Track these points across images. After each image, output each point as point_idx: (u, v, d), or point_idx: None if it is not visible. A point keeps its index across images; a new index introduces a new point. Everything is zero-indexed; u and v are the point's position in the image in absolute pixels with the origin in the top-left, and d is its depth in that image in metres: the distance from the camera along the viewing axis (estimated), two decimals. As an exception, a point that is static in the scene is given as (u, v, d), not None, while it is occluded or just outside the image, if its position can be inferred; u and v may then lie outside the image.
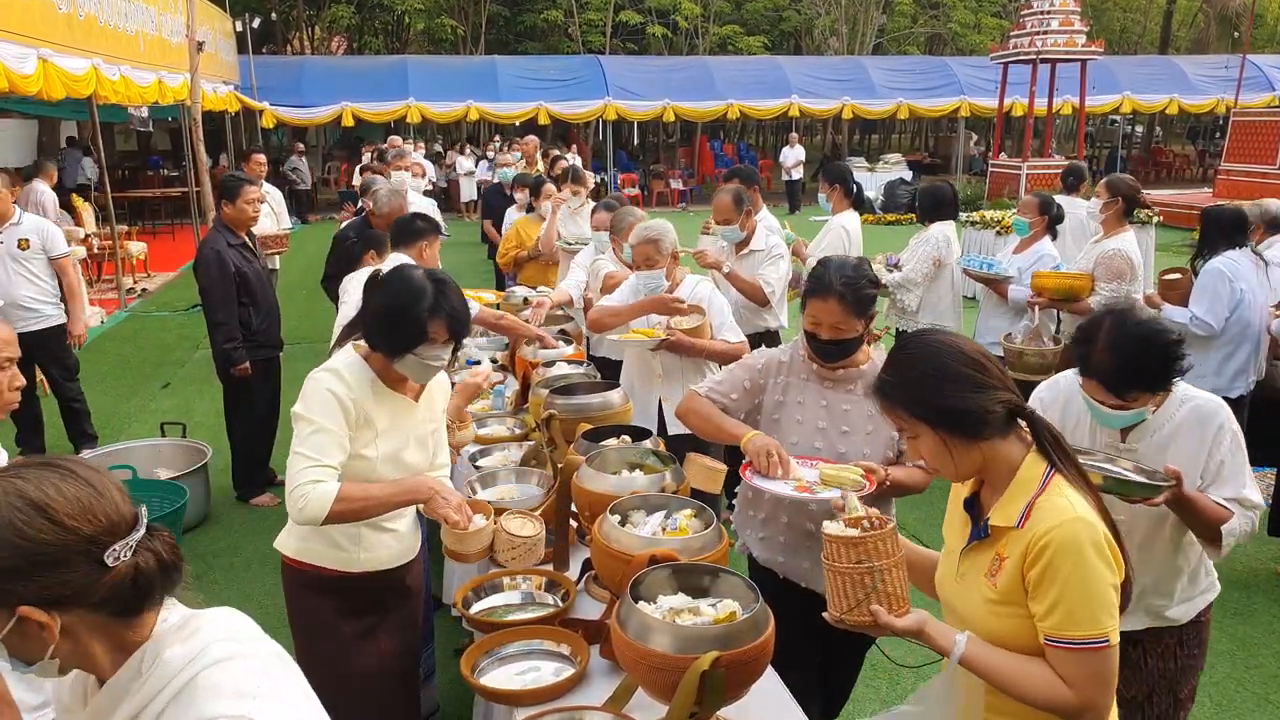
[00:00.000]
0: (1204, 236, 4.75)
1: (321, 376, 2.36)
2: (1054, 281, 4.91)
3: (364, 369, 2.40)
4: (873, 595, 1.74)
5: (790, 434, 2.63)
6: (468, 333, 2.45)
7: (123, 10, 10.59)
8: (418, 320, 2.31)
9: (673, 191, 22.79)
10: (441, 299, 2.34)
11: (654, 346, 3.69)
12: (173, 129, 21.44)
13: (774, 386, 2.69)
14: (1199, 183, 24.45)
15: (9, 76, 7.35)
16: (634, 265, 3.90)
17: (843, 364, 2.59)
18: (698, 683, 1.72)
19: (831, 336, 2.52)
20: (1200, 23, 35.88)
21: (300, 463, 2.28)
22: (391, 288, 2.36)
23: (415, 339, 2.32)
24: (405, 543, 2.61)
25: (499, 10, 27.93)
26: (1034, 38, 16.97)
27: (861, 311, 2.49)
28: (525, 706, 2.08)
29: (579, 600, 2.53)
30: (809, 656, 2.71)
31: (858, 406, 2.58)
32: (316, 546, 2.47)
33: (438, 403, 2.65)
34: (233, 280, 5.02)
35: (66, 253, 5.82)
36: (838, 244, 5.41)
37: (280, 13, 27.76)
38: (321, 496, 2.24)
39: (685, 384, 3.86)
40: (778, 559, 2.70)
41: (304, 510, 2.24)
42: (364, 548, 2.49)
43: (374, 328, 2.38)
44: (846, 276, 2.49)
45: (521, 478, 3.26)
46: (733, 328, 3.86)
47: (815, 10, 28.84)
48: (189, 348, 9.03)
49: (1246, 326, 4.57)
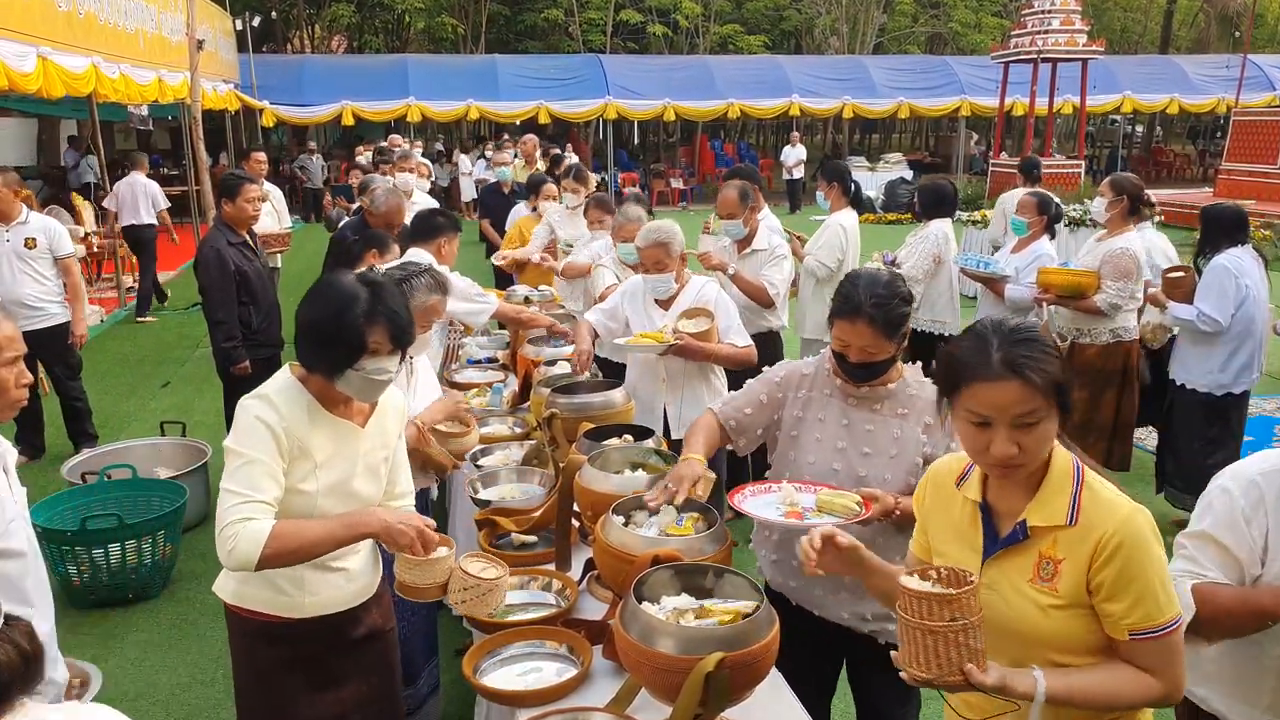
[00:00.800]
0: (1205, 234, 4.79)
1: (249, 404, 2.11)
2: (1061, 278, 4.90)
3: (299, 392, 2.14)
4: (965, 654, 1.56)
5: (808, 453, 2.47)
6: (412, 339, 2.18)
7: (123, 8, 10.57)
8: (353, 329, 2.05)
9: (673, 191, 22.77)
10: (378, 302, 2.09)
11: (661, 351, 3.60)
12: (173, 128, 21.42)
13: (794, 401, 2.52)
14: (1199, 182, 24.43)
15: (8, 74, 7.34)
16: (641, 267, 3.81)
17: (869, 382, 2.42)
18: (702, 684, 1.71)
19: (861, 359, 2.33)
20: (1201, 22, 35.87)
21: (228, 499, 2.02)
22: (320, 297, 2.12)
23: (354, 352, 2.06)
24: (359, 581, 2.33)
25: (499, 9, 27.90)
26: (1035, 37, 16.95)
27: (893, 333, 2.30)
28: (528, 707, 2.07)
29: (581, 600, 2.52)
30: (822, 682, 2.63)
31: (882, 427, 2.40)
32: (255, 591, 2.21)
33: (391, 425, 2.35)
34: (233, 279, 5.01)
35: (72, 252, 5.84)
36: (835, 242, 5.40)
37: (280, 11, 27.74)
38: (251, 537, 1.98)
39: (690, 388, 3.86)
40: (789, 584, 2.57)
41: (233, 553, 1.98)
42: (308, 591, 2.21)
43: (307, 345, 2.12)
44: (877, 296, 2.30)
45: (523, 477, 3.25)
46: (740, 331, 3.78)
47: (816, 9, 28.81)
48: (189, 347, 9.02)
49: (1251, 322, 4.62)
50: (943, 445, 2.33)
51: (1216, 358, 4.67)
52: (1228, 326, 4.57)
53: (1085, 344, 5.02)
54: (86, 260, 11.04)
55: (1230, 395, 4.75)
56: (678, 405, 3.85)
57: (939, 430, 2.34)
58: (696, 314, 3.71)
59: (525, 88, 21.34)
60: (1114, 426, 5.09)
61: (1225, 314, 4.56)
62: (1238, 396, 4.77)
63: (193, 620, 4.24)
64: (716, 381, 3.94)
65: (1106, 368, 5.02)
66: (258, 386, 2.19)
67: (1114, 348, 5.00)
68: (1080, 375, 5.03)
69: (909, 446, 2.35)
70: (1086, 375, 5.02)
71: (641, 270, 3.82)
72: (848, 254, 5.44)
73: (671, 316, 3.76)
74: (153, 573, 4.38)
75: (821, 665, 2.60)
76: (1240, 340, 4.64)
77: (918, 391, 2.40)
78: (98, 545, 4.14)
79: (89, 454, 5.25)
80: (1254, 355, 4.69)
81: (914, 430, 2.36)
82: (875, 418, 2.42)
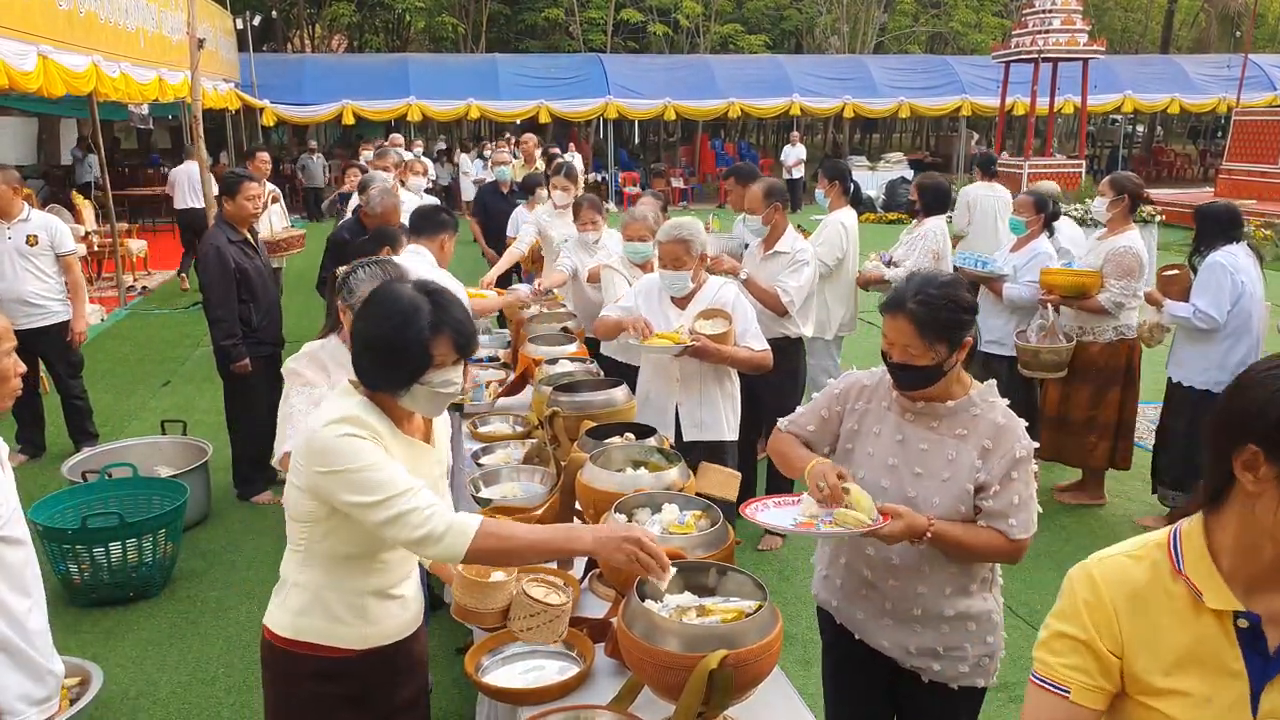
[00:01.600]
0: (1200, 232, 4.82)
1: (332, 429, 1.91)
2: (1064, 279, 4.91)
3: (376, 411, 1.99)
4: None
5: (859, 467, 2.34)
6: (476, 347, 2.06)
7: (123, 7, 10.56)
8: (418, 343, 1.92)
9: (674, 190, 22.76)
10: (441, 312, 1.95)
11: (677, 353, 3.55)
12: (173, 127, 21.42)
13: (851, 413, 2.40)
14: (1200, 182, 24.43)
15: (9, 73, 7.33)
16: (660, 263, 3.75)
17: (924, 395, 2.25)
18: (705, 682, 1.70)
19: (902, 360, 2.19)
20: (1202, 22, 35.86)
21: (395, 505, 1.85)
22: (379, 310, 1.97)
23: (420, 366, 1.93)
24: (412, 610, 2.21)
25: (500, 8, 27.89)
26: (1036, 37, 16.95)
27: (936, 335, 2.14)
28: (530, 705, 2.07)
29: (583, 599, 2.51)
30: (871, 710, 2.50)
31: (937, 448, 2.24)
32: (315, 623, 2.06)
33: (444, 439, 2.29)
34: (232, 277, 5.00)
35: (74, 250, 5.83)
36: (836, 240, 5.40)
37: (281, 10, 27.74)
38: (461, 524, 1.87)
39: (704, 390, 3.80)
40: (833, 602, 2.47)
41: (440, 540, 1.86)
42: (369, 620, 2.08)
43: (369, 362, 1.97)
44: (926, 294, 2.16)
45: (524, 476, 3.25)
46: (757, 334, 3.73)
47: (816, 9, 28.79)
48: (189, 345, 9.01)
49: (1248, 319, 4.65)
50: (999, 475, 2.17)
51: (1214, 355, 4.67)
52: (1224, 323, 4.58)
53: (1088, 342, 5.03)
54: (87, 259, 11.03)
55: None
56: (690, 407, 3.80)
57: (996, 456, 2.17)
58: (714, 315, 3.65)
59: (526, 87, 21.34)
60: (1117, 425, 5.10)
61: (1222, 311, 4.56)
62: None
63: (193, 619, 4.23)
64: (730, 385, 3.90)
65: (1110, 366, 5.04)
66: (258, 384, 2.14)
67: (1117, 346, 5.01)
68: (1083, 373, 5.05)
69: (962, 471, 2.19)
70: (1090, 373, 5.04)
71: (659, 266, 3.76)
72: (848, 252, 5.45)
73: (688, 316, 3.71)
74: (153, 571, 4.38)
75: (869, 697, 2.46)
76: (1238, 336, 4.65)
77: (982, 412, 2.22)
78: (99, 544, 4.13)
79: (89, 452, 5.24)
80: (1251, 351, 4.70)
81: (969, 454, 2.20)
82: (931, 436, 2.25)
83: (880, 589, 2.33)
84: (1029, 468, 2.18)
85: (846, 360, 7.90)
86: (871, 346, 8.84)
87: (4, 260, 5.54)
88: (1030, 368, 5.07)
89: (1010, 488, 2.16)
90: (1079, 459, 5.25)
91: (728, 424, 3.86)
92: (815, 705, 2.37)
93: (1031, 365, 5.05)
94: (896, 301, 2.20)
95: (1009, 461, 2.16)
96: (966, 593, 2.28)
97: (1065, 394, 5.14)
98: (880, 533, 2.09)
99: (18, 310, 5.57)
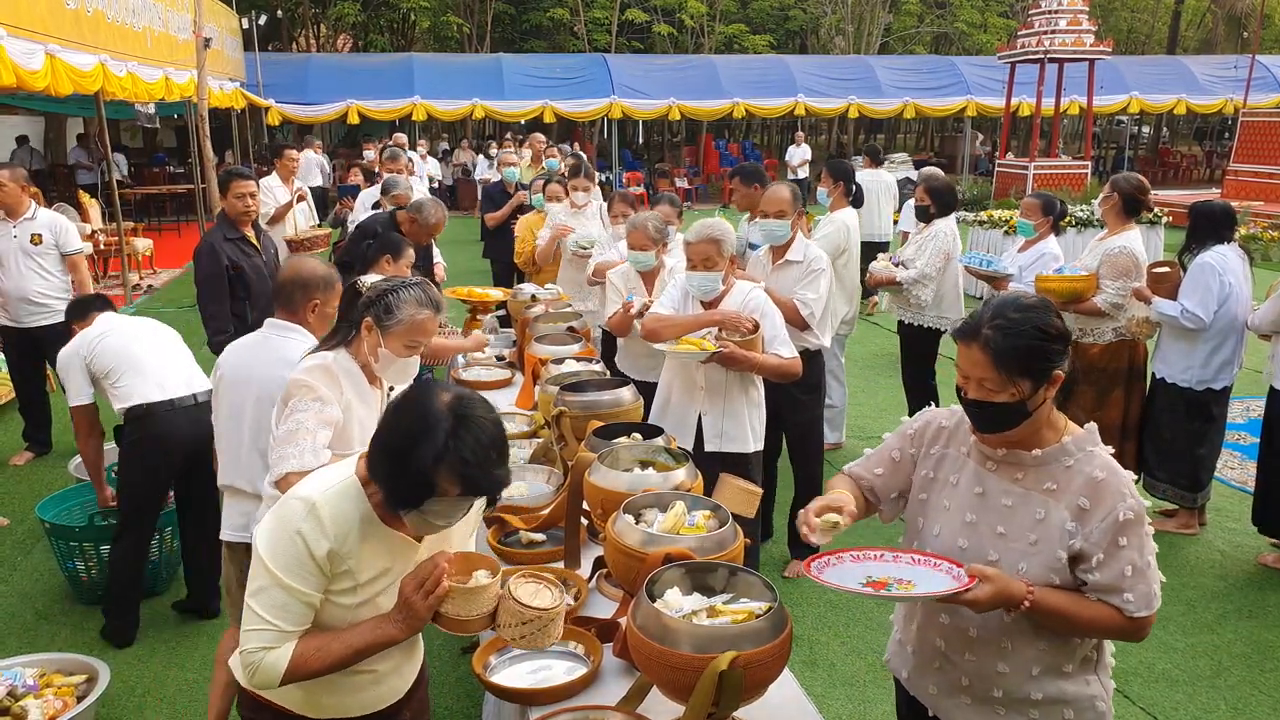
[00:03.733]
0: (1193, 231, 4.86)
1: (294, 511, 1.79)
2: (1058, 285, 4.91)
3: (358, 500, 1.83)
4: None
5: (934, 522, 2.04)
6: (498, 487, 1.80)
7: (130, 6, 10.58)
8: (420, 471, 1.70)
9: (678, 190, 22.78)
10: (456, 442, 1.70)
11: (705, 359, 3.44)
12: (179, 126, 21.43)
13: (927, 459, 2.09)
14: (1206, 183, 24.36)
15: (17, 72, 7.34)
16: (690, 265, 3.63)
17: (1005, 441, 1.93)
18: (715, 683, 1.70)
19: (979, 396, 1.88)
20: (1208, 23, 35.78)
21: (252, 621, 1.80)
22: (400, 417, 1.77)
23: (419, 493, 1.73)
24: (387, 684, 2.02)
25: (505, 8, 27.92)
26: (1041, 37, 16.90)
27: (1017, 369, 1.83)
28: (538, 706, 2.06)
29: (591, 599, 2.51)
30: None
31: (1023, 504, 1.91)
32: None
33: (457, 533, 2.04)
34: (224, 273, 4.96)
35: (79, 249, 5.81)
36: (838, 240, 5.38)
37: (286, 10, 27.78)
38: (270, 667, 1.79)
39: (729, 398, 3.67)
40: (903, 671, 2.18)
41: (252, 679, 1.82)
42: (325, 691, 1.94)
43: (377, 461, 1.79)
44: (1005, 318, 1.85)
45: (531, 475, 3.25)
46: (786, 341, 3.60)
47: (821, 9, 28.78)
48: (195, 344, 8.99)
49: (1233, 319, 4.73)
50: (1102, 542, 1.82)
51: (1199, 354, 4.78)
52: (1210, 323, 4.66)
53: (1089, 343, 5.04)
54: (94, 258, 11.06)
55: (1211, 390, 4.85)
56: (714, 417, 3.68)
57: (1095, 519, 1.83)
58: (748, 326, 3.52)
59: (530, 87, 21.36)
60: (1123, 426, 5.09)
61: (1209, 311, 4.64)
62: (1218, 391, 4.88)
63: (199, 618, 4.23)
64: (756, 394, 3.76)
65: (1111, 366, 5.05)
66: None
67: (1118, 346, 5.02)
68: (1086, 375, 5.06)
69: (1053, 533, 1.86)
70: (1092, 375, 5.06)
71: (688, 268, 3.65)
72: (849, 252, 5.44)
73: None
74: (160, 569, 4.38)
75: None
76: (1223, 336, 4.74)
77: (1076, 463, 1.89)
78: (106, 541, 4.14)
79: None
80: (1235, 351, 4.81)
81: (1060, 514, 1.86)
82: (1015, 490, 1.93)
83: (955, 663, 2.03)
84: (1142, 531, 1.83)
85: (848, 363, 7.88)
86: (874, 347, 8.87)
87: (10, 259, 5.54)
88: None
89: (1118, 556, 1.81)
90: None
91: (753, 434, 3.73)
92: (822, 706, 2.37)
93: None
94: (971, 328, 1.87)
95: (1111, 525, 1.81)
96: (1060, 673, 1.94)
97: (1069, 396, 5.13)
98: (964, 597, 1.78)
99: (22, 309, 5.58)
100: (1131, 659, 3.81)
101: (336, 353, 2.59)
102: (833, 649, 3.91)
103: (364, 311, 2.54)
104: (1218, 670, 3.78)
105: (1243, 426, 6.58)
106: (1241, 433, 6.46)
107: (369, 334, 2.52)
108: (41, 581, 4.54)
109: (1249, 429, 6.46)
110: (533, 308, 4.98)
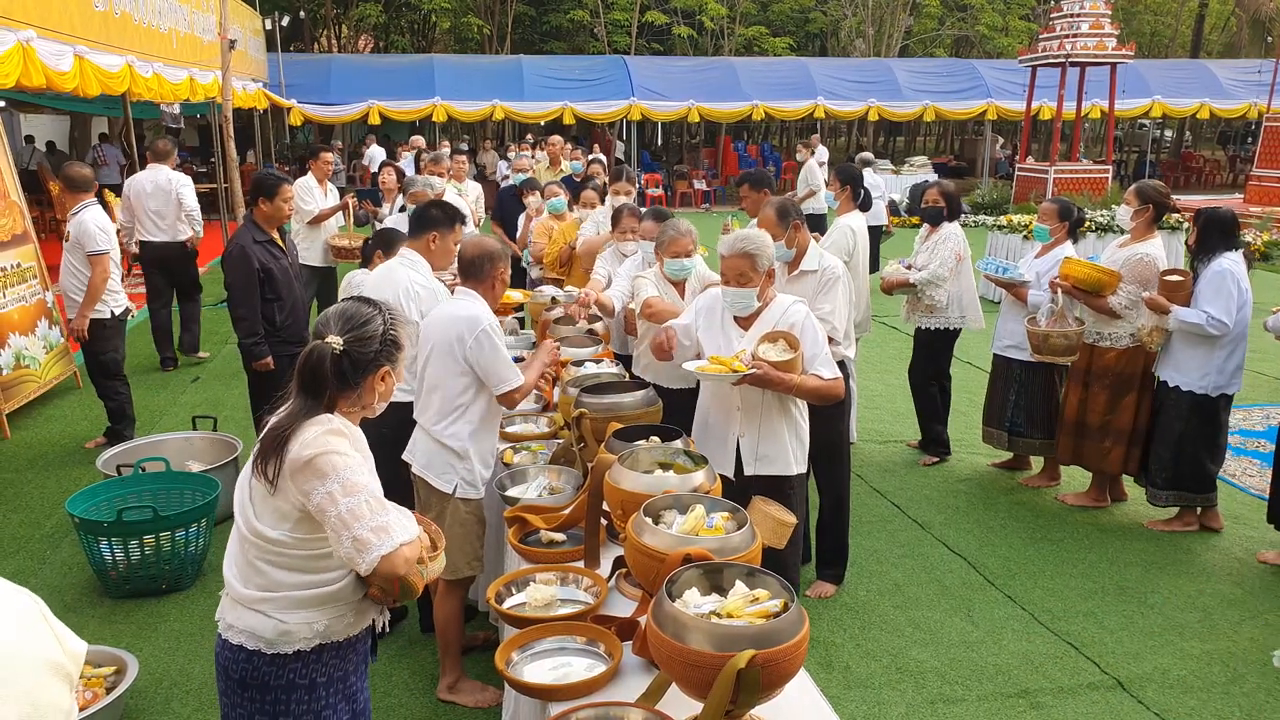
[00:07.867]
0: (1203, 237, 4.90)
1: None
2: (1083, 271, 4.96)
3: None
4: None
5: None
6: None
7: (157, 8, 10.73)
8: None
9: (696, 192, 22.80)
10: None
11: (735, 381, 3.20)
12: (202, 125, 21.66)
13: None
14: (1229, 188, 24.15)
15: (46, 73, 7.47)
16: (723, 280, 3.41)
17: None
18: (733, 680, 1.74)
19: None
20: (1232, 27, 35.45)
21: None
22: None
23: None
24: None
25: (525, 10, 28.04)
26: (1063, 41, 16.81)
27: None
28: (559, 701, 2.11)
29: (610, 598, 2.55)
30: None
31: None
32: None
33: None
34: (256, 276, 5.03)
35: (97, 250, 5.91)
36: (844, 244, 5.40)
37: (309, 11, 28.00)
38: None
39: (768, 421, 3.45)
40: None
41: None
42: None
43: None
44: None
45: (551, 476, 3.30)
46: (827, 361, 3.36)
47: (841, 12, 28.74)
48: (217, 342, 9.13)
49: (1246, 324, 4.80)
50: None
51: (1215, 360, 4.80)
52: (1231, 329, 4.69)
53: (1105, 348, 5.10)
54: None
55: (1225, 395, 4.87)
56: (752, 439, 3.46)
57: None
58: (779, 337, 3.28)
59: (550, 88, 21.44)
60: (1132, 431, 5.12)
61: (1231, 316, 4.68)
62: (1230, 396, 4.92)
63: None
64: (798, 415, 3.53)
65: (1126, 371, 5.09)
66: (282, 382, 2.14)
67: (1134, 351, 5.06)
68: (1101, 379, 5.13)
69: None
70: (1106, 379, 5.12)
71: (723, 283, 3.42)
72: (855, 256, 5.46)
73: (751, 339, 3.36)
74: (186, 564, 4.46)
75: None
76: (1237, 342, 4.80)
77: None
78: (134, 536, 4.22)
79: (123, 447, 5.34)
80: (1244, 356, 4.87)
81: None
82: None
83: None
84: None
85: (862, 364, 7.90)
86: (892, 350, 8.87)
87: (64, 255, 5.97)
88: (1040, 352, 5.12)
89: None
90: (1095, 463, 5.28)
91: (794, 457, 3.51)
92: (837, 708, 2.40)
93: (1041, 349, 5.10)
94: None
95: None
96: None
97: (1083, 399, 5.24)
98: None
99: (67, 303, 5.92)
100: (1146, 665, 3.82)
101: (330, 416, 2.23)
102: (848, 652, 3.94)
103: (376, 362, 2.22)
104: (1232, 677, 3.78)
105: (1262, 434, 6.56)
106: (1261, 440, 6.44)
107: (384, 381, 2.26)
108: (70, 575, 4.63)
109: (1267, 436, 6.43)
110: (552, 310, 5.03)
